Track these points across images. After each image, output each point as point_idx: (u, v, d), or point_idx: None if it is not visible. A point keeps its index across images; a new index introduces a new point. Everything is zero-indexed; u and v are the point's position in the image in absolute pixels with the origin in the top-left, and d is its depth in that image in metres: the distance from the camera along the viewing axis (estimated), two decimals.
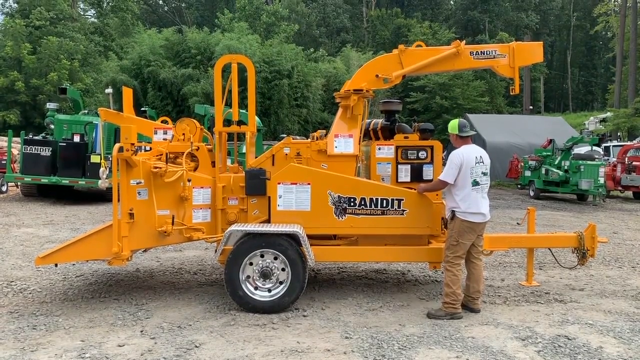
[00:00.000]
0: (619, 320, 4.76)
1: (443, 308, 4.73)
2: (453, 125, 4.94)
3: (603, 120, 29.03)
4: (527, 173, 16.72)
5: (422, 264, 6.53)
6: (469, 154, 4.76)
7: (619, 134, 28.44)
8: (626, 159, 15.92)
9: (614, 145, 20.44)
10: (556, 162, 15.44)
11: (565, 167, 14.99)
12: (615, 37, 38.56)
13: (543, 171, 15.77)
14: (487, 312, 4.90)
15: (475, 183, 4.72)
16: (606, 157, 18.06)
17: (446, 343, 4.14)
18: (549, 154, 16.09)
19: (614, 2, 45.43)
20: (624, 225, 10.90)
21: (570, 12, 56.91)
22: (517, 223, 7.62)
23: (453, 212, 4.79)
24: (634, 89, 30.21)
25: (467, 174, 4.71)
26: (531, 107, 38.75)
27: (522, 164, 17.24)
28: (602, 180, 14.23)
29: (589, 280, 6.22)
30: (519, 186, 18.34)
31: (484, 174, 4.80)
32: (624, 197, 16.73)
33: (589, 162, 14.52)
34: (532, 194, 16.44)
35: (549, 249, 6.12)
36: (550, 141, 16.46)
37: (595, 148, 16.47)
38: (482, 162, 4.80)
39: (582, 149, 16.46)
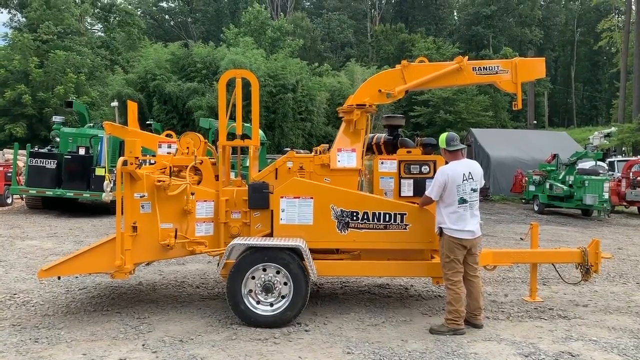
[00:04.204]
0: (623, 337, 4.73)
1: (446, 324, 4.71)
2: (442, 139, 4.92)
3: (607, 135, 28.97)
4: (532, 188, 16.67)
5: (425, 279, 6.50)
6: (455, 171, 4.72)
7: (623, 149, 28.38)
8: (631, 174, 15.86)
9: (618, 161, 20.35)
10: (560, 177, 15.40)
11: (570, 182, 14.94)
12: (619, 53, 38.62)
13: (547, 186, 15.72)
14: (490, 328, 4.88)
15: (463, 201, 4.69)
16: (611, 172, 17.98)
17: (449, 359, 4.12)
18: (553, 168, 16.05)
19: (618, 18, 45.62)
20: (629, 241, 10.83)
21: (574, 28, 57.16)
22: (521, 238, 7.58)
23: (440, 228, 4.79)
24: (638, 104, 30.12)
25: (453, 192, 4.67)
26: (535, 121, 38.67)
27: (527, 178, 17.20)
28: (606, 196, 14.16)
29: (593, 296, 6.18)
30: (523, 201, 18.28)
31: (474, 190, 4.74)
32: (628, 212, 16.63)
33: (593, 177, 14.46)
34: (536, 208, 16.38)
35: (553, 264, 6.09)
36: (555, 156, 16.43)
37: (599, 163, 16.37)
38: (472, 178, 4.74)
39: (586, 164, 16.38)
